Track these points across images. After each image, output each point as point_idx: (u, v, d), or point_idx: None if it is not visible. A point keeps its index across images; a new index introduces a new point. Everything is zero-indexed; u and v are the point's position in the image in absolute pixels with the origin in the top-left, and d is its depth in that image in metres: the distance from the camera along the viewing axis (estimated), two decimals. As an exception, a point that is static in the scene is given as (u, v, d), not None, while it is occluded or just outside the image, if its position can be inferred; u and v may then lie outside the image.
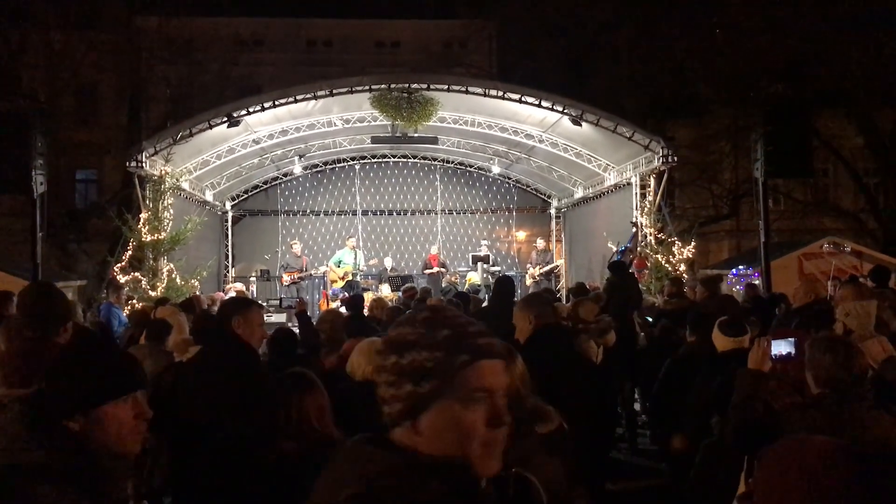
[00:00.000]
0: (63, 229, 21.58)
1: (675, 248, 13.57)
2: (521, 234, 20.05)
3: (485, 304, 10.42)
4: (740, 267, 12.89)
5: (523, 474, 1.85)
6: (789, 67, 18.66)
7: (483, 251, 17.33)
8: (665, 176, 13.87)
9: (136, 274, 12.59)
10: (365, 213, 19.40)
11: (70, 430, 1.82)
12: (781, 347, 3.61)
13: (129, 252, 12.89)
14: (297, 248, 16.43)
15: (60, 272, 18.44)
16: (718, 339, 4.29)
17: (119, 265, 12.69)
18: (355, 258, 15.79)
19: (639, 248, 13.50)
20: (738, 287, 12.35)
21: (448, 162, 19.43)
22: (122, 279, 12.16)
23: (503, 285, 7.69)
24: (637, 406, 8.61)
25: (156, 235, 12.91)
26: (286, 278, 15.67)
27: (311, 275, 16.27)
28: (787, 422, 2.92)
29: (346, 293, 14.12)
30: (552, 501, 1.98)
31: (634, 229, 13.81)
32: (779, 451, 1.48)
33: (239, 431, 2.77)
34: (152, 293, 12.22)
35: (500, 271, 17.59)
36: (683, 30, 22.38)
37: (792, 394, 3.45)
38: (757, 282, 12.73)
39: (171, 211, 13.46)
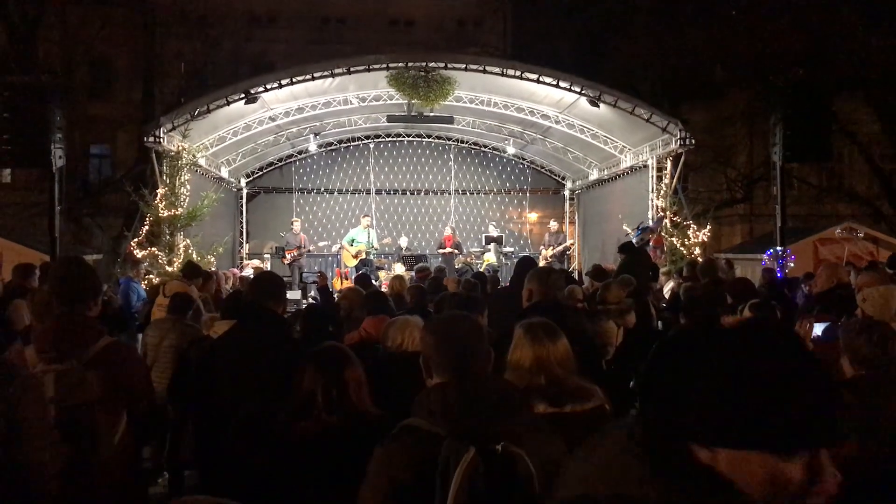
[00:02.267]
0: (77, 204, 21.66)
1: (690, 232, 13.56)
2: (534, 216, 20.03)
3: (501, 285, 10.44)
4: (777, 248, 12.82)
5: (510, 449, 1.90)
6: (808, 51, 18.48)
7: (494, 232, 17.33)
8: (682, 159, 13.82)
9: (153, 249, 12.64)
10: (379, 192, 19.39)
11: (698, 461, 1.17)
12: (819, 330, 3.64)
13: (146, 227, 12.94)
14: (296, 225, 16.42)
15: (75, 246, 18.56)
16: (748, 322, 4.28)
17: (136, 240, 12.75)
18: (368, 237, 15.80)
19: (660, 229, 13.49)
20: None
21: (463, 142, 19.38)
22: (139, 254, 12.23)
23: (523, 266, 7.67)
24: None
25: (172, 211, 12.95)
26: (287, 257, 15.68)
27: (309, 250, 16.31)
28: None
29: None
30: (549, 483, 2.01)
31: (662, 215, 13.76)
32: None
33: (276, 406, 2.79)
34: (169, 269, 12.28)
35: (513, 252, 17.64)
36: (700, 12, 22.18)
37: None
38: (792, 264, 12.70)
39: (188, 187, 13.48)
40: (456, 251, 16.65)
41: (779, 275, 11.92)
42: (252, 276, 7.19)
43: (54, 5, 20.43)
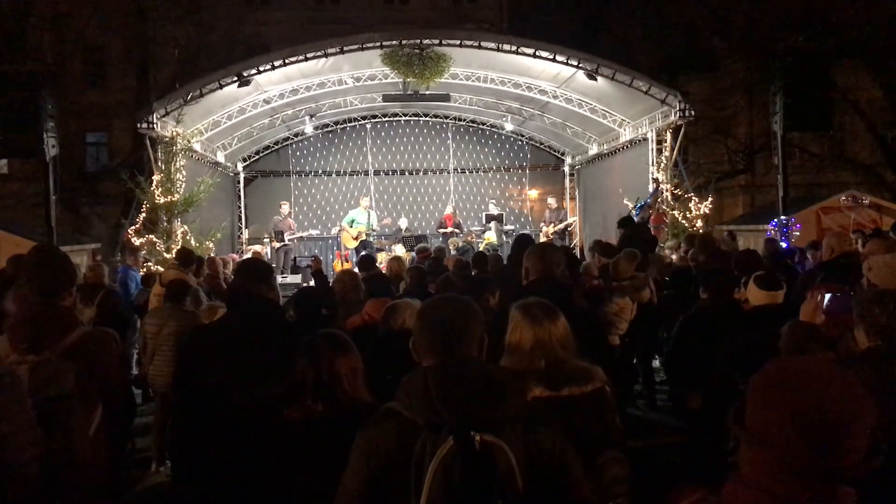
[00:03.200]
0: (75, 193, 21.58)
1: (691, 204, 13.46)
2: (535, 193, 19.90)
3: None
4: (782, 217, 12.72)
5: (490, 440, 1.79)
6: (807, 19, 18.25)
7: (494, 210, 17.22)
8: (682, 131, 13.68)
9: (151, 236, 12.56)
10: (377, 172, 19.27)
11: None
12: (830, 301, 3.55)
13: (143, 214, 12.85)
14: (284, 209, 16.34)
15: (74, 235, 18.51)
16: (753, 293, 4.18)
17: (133, 228, 12.67)
18: (368, 218, 15.72)
19: (657, 205, 13.37)
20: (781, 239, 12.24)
21: (460, 120, 19.23)
22: (137, 242, 12.15)
23: (521, 244, 7.57)
24: (656, 363, 8.57)
25: (169, 197, 12.85)
26: (276, 243, 15.60)
27: (301, 237, 16.27)
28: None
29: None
30: (544, 472, 1.92)
31: (656, 185, 13.66)
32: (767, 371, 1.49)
33: (267, 392, 2.72)
34: (167, 255, 12.20)
35: (514, 230, 17.53)
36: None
37: (824, 350, 3.37)
38: (797, 233, 12.60)
39: (184, 173, 13.36)
40: (457, 230, 16.55)
41: (785, 245, 11.83)
42: (237, 263, 7.10)
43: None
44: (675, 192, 13.68)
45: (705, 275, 5.26)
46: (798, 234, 12.72)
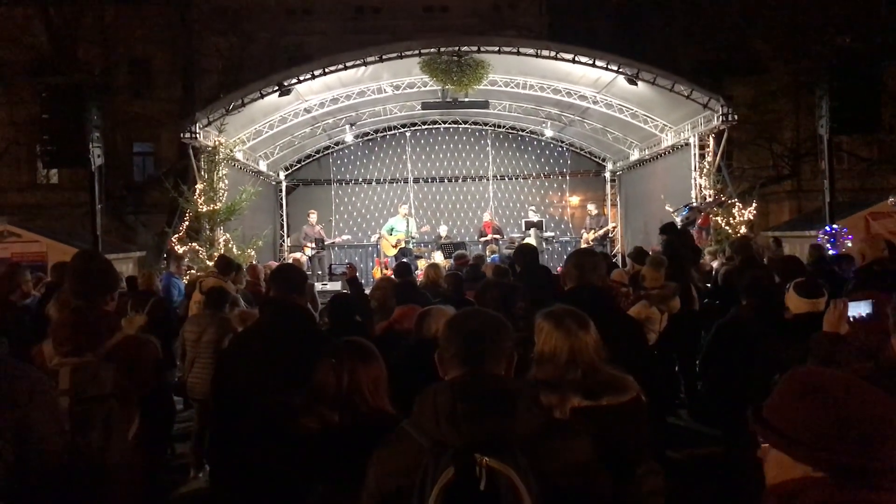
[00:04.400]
0: (121, 202, 22.03)
1: (735, 210, 13.22)
2: (575, 199, 19.75)
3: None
4: (834, 226, 12.42)
5: (495, 466, 1.66)
6: (853, 19, 17.83)
7: (534, 217, 17.14)
8: (725, 136, 13.46)
9: (194, 244, 12.75)
10: (416, 180, 19.32)
11: None
12: (860, 309, 3.42)
13: (186, 223, 13.05)
14: (312, 217, 16.32)
15: (120, 244, 18.87)
16: (793, 301, 4.07)
17: (177, 236, 12.88)
18: (407, 225, 15.76)
19: (709, 209, 13.11)
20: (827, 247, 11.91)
21: (499, 126, 19.19)
22: (180, 250, 12.34)
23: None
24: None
25: (211, 206, 13.04)
26: (307, 251, 15.68)
27: (332, 243, 16.36)
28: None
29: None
30: (567, 492, 1.81)
31: (714, 196, 13.39)
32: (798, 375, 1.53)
33: (288, 400, 2.71)
34: (209, 263, 12.36)
35: (554, 237, 17.44)
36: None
37: (864, 360, 3.26)
38: (849, 243, 12.28)
39: (226, 181, 13.55)
40: (497, 237, 16.51)
41: (833, 252, 11.53)
42: (271, 270, 7.15)
43: (92, 6, 20.67)
44: (720, 197, 13.45)
45: (748, 280, 5.13)
46: (850, 244, 12.39)
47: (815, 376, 1.52)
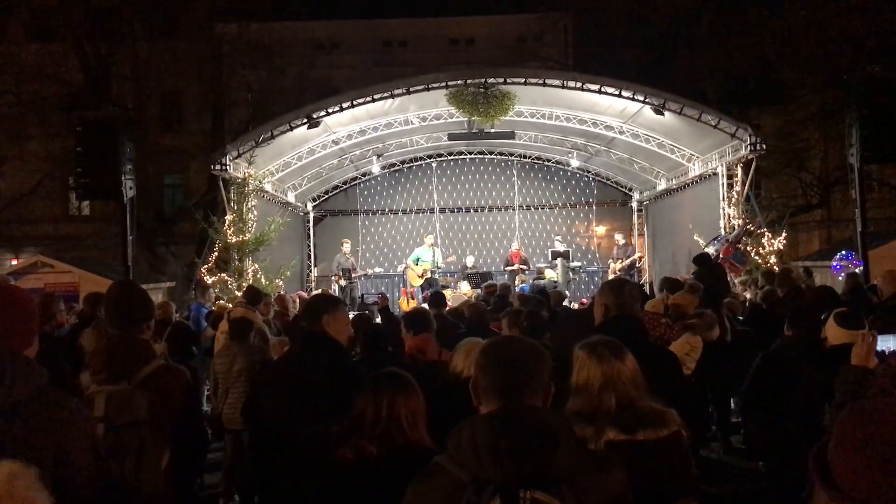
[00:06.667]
0: (152, 233, 22.30)
1: (764, 240, 13.09)
2: (602, 229, 19.69)
3: (566, 301, 10.23)
4: (842, 252, 12.26)
5: (539, 499, 1.64)
6: (882, 46, 17.73)
7: (560, 247, 17.09)
8: (753, 165, 13.37)
9: (223, 275, 12.86)
10: (442, 210, 19.40)
11: None
12: (889, 343, 3.36)
13: (216, 253, 13.18)
14: (346, 247, 16.39)
15: (151, 274, 19.11)
16: (833, 331, 3.99)
17: (206, 266, 13.00)
18: (433, 256, 15.78)
19: (739, 244, 12.98)
20: (840, 276, 11.75)
21: (525, 157, 19.25)
22: (209, 280, 12.45)
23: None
24: (732, 404, 8.29)
25: (240, 237, 13.18)
26: (342, 281, 15.74)
27: (366, 274, 16.39)
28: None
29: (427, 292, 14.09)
30: None
31: (744, 227, 13.27)
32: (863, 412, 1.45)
33: (321, 432, 2.70)
34: (238, 294, 12.45)
35: (580, 267, 17.36)
36: (767, 13, 21.55)
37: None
38: (858, 270, 12.10)
39: (255, 212, 13.71)
40: (524, 267, 16.48)
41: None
42: (304, 300, 7.19)
43: (125, 42, 21.17)
44: (748, 227, 13.33)
45: (793, 311, 5.07)
46: (858, 271, 12.21)
47: (874, 426, 1.42)
